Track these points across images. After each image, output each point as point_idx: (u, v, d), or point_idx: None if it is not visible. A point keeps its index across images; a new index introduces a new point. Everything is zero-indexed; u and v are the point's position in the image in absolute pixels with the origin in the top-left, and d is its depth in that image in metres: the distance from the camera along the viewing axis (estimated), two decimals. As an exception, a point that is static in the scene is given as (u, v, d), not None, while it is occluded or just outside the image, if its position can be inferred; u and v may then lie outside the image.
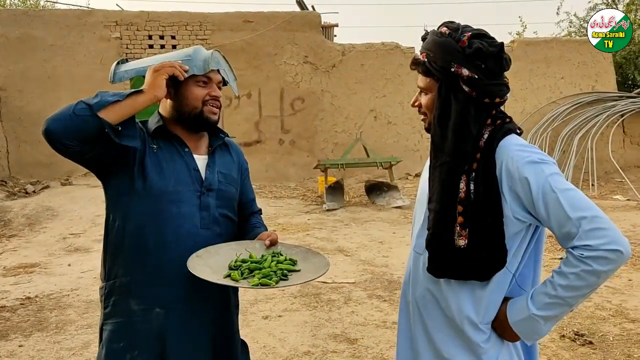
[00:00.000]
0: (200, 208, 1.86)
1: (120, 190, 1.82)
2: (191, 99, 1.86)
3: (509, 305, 1.54)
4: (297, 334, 4.12)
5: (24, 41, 11.53)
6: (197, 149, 1.95)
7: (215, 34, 11.89)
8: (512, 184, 1.47)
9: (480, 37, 1.53)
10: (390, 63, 12.28)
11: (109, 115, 1.65)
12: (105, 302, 1.85)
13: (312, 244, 7.02)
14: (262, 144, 12.14)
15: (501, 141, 1.52)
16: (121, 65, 1.93)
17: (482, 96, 1.52)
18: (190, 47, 1.91)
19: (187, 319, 1.84)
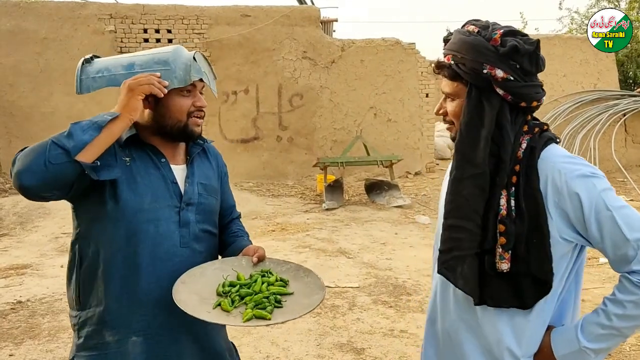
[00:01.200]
0: (179, 225, 1.68)
1: (92, 214, 1.63)
2: (175, 112, 1.66)
3: (554, 336, 1.38)
4: (302, 343, 3.95)
5: (16, 34, 11.25)
6: (174, 158, 1.75)
7: (213, 28, 11.65)
8: (560, 200, 1.31)
9: (514, 34, 1.37)
10: (390, 59, 12.08)
11: (87, 156, 1.47)
12: (79, 333, 1.67)
13: (313, 244, 6.84)
14: (260, 140, 11.92)
15: (543, 151, 1.36)
16: (87, 67, 1.69)
17: (518, 100, 1.36)
18: (168, 50, 1.67)
19: (167, 345, 1.66)
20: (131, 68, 1.64)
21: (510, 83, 1.34)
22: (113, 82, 1.63)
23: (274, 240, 7.15)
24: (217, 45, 11.55)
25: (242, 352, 3.79)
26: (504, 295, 1.34)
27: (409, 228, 7.86)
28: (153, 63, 1.64)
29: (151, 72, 1.60)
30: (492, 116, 1.35)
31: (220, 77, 11.62)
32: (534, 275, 1.32)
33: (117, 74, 1.63)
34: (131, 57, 1.69)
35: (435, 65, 1.48)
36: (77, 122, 1.50)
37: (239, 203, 8.60)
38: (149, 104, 1.64)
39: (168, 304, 1.60)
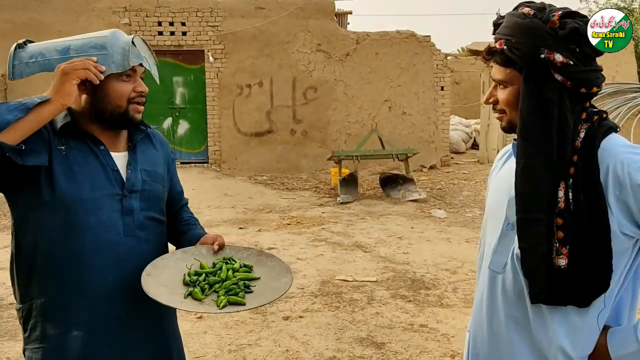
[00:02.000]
0: (122, 213, 1.62)
1: (28, 205, 1.57)
2: (114, 97, 1.59)
3: (611, 336, 1.31)
4: (321, 337, 3.91)
5: (31, 27, 11.28)
6: (115, 145, 1.68)
7: (227, 21, 11.61)
8: (622, 192, 1.24)
9: (572, 15, 1.29)
10: (405, 52, 11.97)
11: (10, 137, 1.39)
12: (24, 326, 1.63)
13: (329, 238, 6.80)
14: (274, 134, 11.89)
15: (603, 141, 1.28)
16: (20, 52, 1.61)
17: (578, 86, 1.28)
18: (105, 34, 1.61)
19: (111, 340, 1.61)
20: (66, 53, 1.57)
21: (570, 68, 1.27)
22: (47, 67, 1.56)
23: (289, 233, 7.11)
24: (231, 37, 11.51)
25: (261, 345, 3.77)
26: (560, 293, 1.28)
27: (425, 222, 7.79)
28: (89, 47, 1.57)
29: (87, 57, 1.53)
30: (553, 102, 1.28)
31: (234, 70, 11.61)
32: (592, 272, 1.25)
33: (52, 59, 1.56)
34: (66, 41, 1.62)
35: (485, 52, 1.40)
36: (5, 102, 1.45)
37: (253, 196, 8.61)
38: (86, 89, 1.56)
39: (111, 296, 1.58)
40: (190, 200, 2.14)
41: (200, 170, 11.50)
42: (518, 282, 1.36)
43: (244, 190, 10.10)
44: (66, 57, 1.54)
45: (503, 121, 1.42)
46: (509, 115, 1.39)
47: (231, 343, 3.81)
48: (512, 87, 1.35)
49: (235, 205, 8.97)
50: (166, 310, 1.72)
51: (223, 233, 7.55)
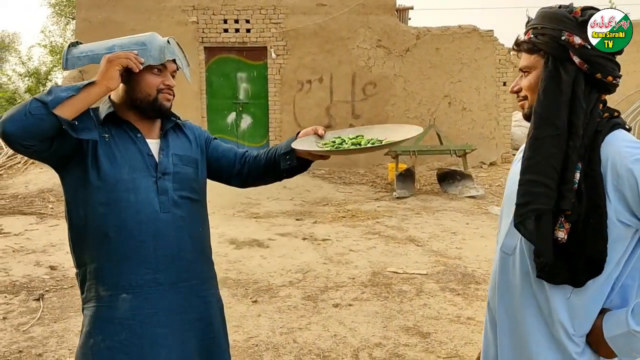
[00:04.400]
0: (158, 193, 1.83)
1: (77, 182, 1.81)
2: (145, 87, 1.82)
3: (606, 318, 1.41)
4: (368, 325, 4.06)
5: (106, 25, 11.96)
6: (150, 133, 1.91)
7: (289, 18, 11.88)
8: (619, 182, 1.34)
9: (594, 9, 1.45)
10: (467, 47, 11.85)
11: (65, 111, 1.63)
12: (81, 288, 1.86)
13: (382, 232, 6.93)
14: (333, 129, 12.05)
15: (608, 135, 1.39)
16: (73, 49, 1.88)
17: (594, 70, 1.39)
18: (145, 34, 1.86)
19: (154, 303, 1.81)
20: (112, 49, 1.81)
21: (587, 51, 1.38)
22: (95, 60, 1.81)
23: (344, 226, 7.29)
24: (292, 34, 11.77)
25: (311, 329, 3.96)
26: (558, 272, 1.38)
27: (481, 218, 7.76)
28: (131, 44, 1.82)
29: (129, 51, 1.78)
30: (568, 83, 1.39)
31: (295, 66, 11.87)
32: (588, 254, 1.35)
33: (99, 54, 1.81)
34: (112, 41, 1.87)
35: (515, 43, 1.54)
36: (59, 85, 1.70)
37: (311, 190, 8.83)
38: (123, 79, 1.78)
39: (153, 265, 1.78)
40: (250, 192, 2.35)
41: (261, 163, 11.84)
42: (525, 263, 1.48)
43: (302, 184, 10.36)
44: (111, 52, 1.81)
45: (525, 107, 1.54)
46: (530, 100, 1.51)
47: (283, 326, 4.03)
48: (535, 72, 1.48)
49: (293, 198, 9.24)
50: (207, 279, 1.96)
51: (280, 224, 7.81)
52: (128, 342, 1.79)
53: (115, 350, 1.78)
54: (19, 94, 19.79)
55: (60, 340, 3.80)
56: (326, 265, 5.50)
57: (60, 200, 8.97)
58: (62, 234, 6.93)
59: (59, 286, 4.94)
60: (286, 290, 4.80)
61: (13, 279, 5.11)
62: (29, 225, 7.40)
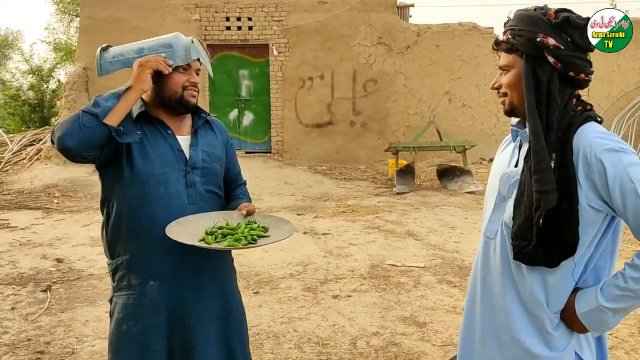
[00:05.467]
0: (186, 186, 1.98)
1: (114, 178, 1.96)
2: (171, 85, 1.95)
3: (578, 295, 1.52)
4: (366, 315, 4.18)
5: (110, 23, 12.08)
6: (180, 130, 2.05)
7: (291, 15, 11.98)
8: (589, 171, 1.44)
9: (568, 11, 1.52)
10: (467, 44, 11.95)
11: (112, 120, 1.79)
12: (113, 278, 2.02)
13: (382, 226, 7.04)
14: (334, 125, 12.19)
15: (580, 128, 1.49)
16: (104, 53, 2.01)
17: (567, 69, 1.50)
18: (170, 35, 1.98)
19: (180, 292, 1.96)
20: (141, 52, 1.96)
21: (561, 51, 1.48)
22: (127, 64, 1.96)
23: (344, 221, 7.40)
24: (294, 32, 11.87)
25: (310, 319, 4.08)
26: (535, 254, 1.50)
27: (480, 213, 7.79)
28: (158, 46, 1.96)
29: (157, 54, 1.92)
30: (544, 80, 1.50)
31: (297, 63, 11.98)
32: (561, 237, 1.45)
33: (130, 58, 1.96)
34: (140, 43, 2.01)
35: (494, 43, 1.65)
36: (100, 95, 1.84)
37: (312, 185, 8.96)
38: (153, 81, 1.91)
39: (179, 254, 1.92)
40: (253, 187, 2.47)
41: (263, 159, 11.98)
42: (505, 246, 1.60)
43: (303, 179, 10.47)
44: (141, 55, 1.95)
45: (505, 104, 1.64)
46: (510, 97, 1.61)
47: (283, 316, 4.16)
48: (513, 70, 1.58)
49: (294, 193, 9.36)
50: (227, 270, 2.12)
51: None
52: (157, 325, 1.94)
53: (147, 334, 1.93)
54: (23, 90, 19.92)
55: (67, 329, 3.93)
56: (326, 258, 5.62)
57: (65, 196, 9.11)
58: (67, 228, 7.06)
59: (65, 278, 5.07)
60: (287, 282, 4.92)
61: (21, 271, 5.24)
62: (35, 219, 7.53)
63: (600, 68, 11.47)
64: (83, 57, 12.21)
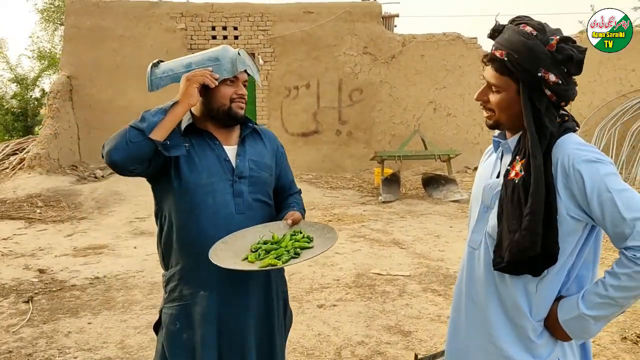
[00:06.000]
0: (234, 195, 1.98)
1: (164, 190, 1.99)
2: (219, 97, 1.97)
3: (560, 303, 1.53)
4: (351, 324, 4.18)
5: (95, 31, 12.04)
6: (227, 140, 2.06)
7: (276, 25, 12.03)
8: (567, 181, 1.46)
9: (567, 41, 1.49)
10: (451, 54, 12.07)
11: (158, 134, 1.82)
12: (165, 289, 2.05)
13: (368, 235, 7.06)
14: (320, 134, 12.22)
15: (559, 139, 1.51)
16: (155, 69, 2.04)
17: (560, 100, 1.51)
18: (217, 48, 2.01)
19: (228, 300, 1.97)
20: (189, 67, 1.99)
21: (560, 87, 1.47)
22: (176, 79, 1.99)
23: (330, 229, 7.41)
24: (280, 41, 11.92)
25: (296, 329, 4.07)
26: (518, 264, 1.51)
27: (465, 222, 7.90)
28: (206, 60, 1.98)
29: (205, 67, 1.95)
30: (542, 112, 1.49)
31: (283, 72, 12.01)
32: (542, 247, 1.46)
33: (179, 73, 1.99)
34: (189, 58, 2.04)
35: (487, 58, 1.59)
36: (147, 110, 1.87)
37: (297, 193, 8.69)
38: (201, 94, 1.94)
39: None
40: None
41: (249, 168, 11.94)
42: (488, 256, 1.61)
43: (289, 188, 10.46)
44: (189, 70, 1.98)
45: (491, 119, 1.63)
46: (497, 115, 1.60)
47: (268, 326, 4.14)
48: (505, 93, 1.55)
49: (280, 202, 9.35)
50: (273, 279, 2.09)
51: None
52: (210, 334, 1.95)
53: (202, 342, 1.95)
54: (6, 99, 19.74)
55: (49, 341, 3.88)
56: (311, 267, 5.62)
57: (48, 206, 9.03)
58: (50, 238, 6.99)
59: (47, 289, 5.02)
60: (272, 291, 4.90)
61: (2, 282, 5.18)
62: (17, 229, 7.45)
63: (582, 78, 11.55)
64: (67, 66, 12.14)
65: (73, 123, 12.05)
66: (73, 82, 12.06)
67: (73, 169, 11.37)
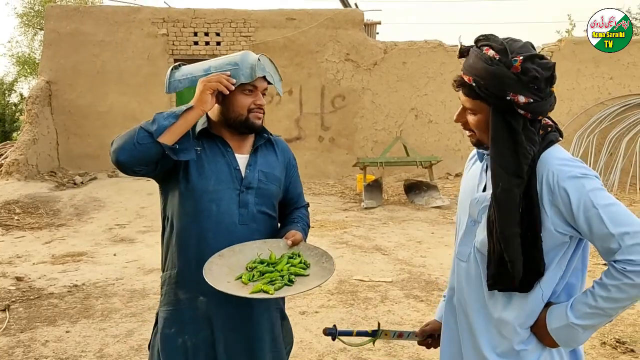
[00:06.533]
0: (239, 205, 1.95)
1: (170, 192, 1.97)
2: (237, 107, 1.94)
3: (549, 312, 1.54)
4: (334, 331, 4.17)
5: (75, 36, 11.91)
6: (240, 148, 2.03)
7: (259, 31, 12.03)
8: (553, 198, 1.47)
9: (532, 59, 1.47)
10: (432, 61, 12.17)
11: (167, 138, 1.79)
12: (161, 291, 2.02)
13: (350, 241, 7.06)
14: (302, 140, 12.23)
15: (543, 153, 1.51)
16: (175, 72, 2.02)
17: (536, 116, 1.50)
18: (239, 53, 1.96)
19: (226, 306, 1.92)
20: (208, 70, 1.96)
21: (531, 105, 1.46)
22: (193, 82, 1.96)
23: (312, 236, 7.39)
24: (262, 47, 11.91)
25: (278, 336, 4.05)
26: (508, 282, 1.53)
27: (446, 228, 7.97)
28: (225, 64, 1.94)
29: (222, 71, 1.90)
30: (518, 131, 1.48)
31: (265, 79, 11.99)
32: (528, 263, 1.49)
33: (197, 76, 1.95)
34: (210, 62, 2.01)
35: (456, 82, 1.59)
36: (160, 112, 1.85)
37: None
38: (218, 101, 1.92)
39: None
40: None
41: (231, 174, 11.90)
42: (477, 269, 1.62)
43: (272, 195, 10.43)
44: (207, 74, 1.93)
45: (473, 139, 1.63)
46: (478, 135, 1.60)
47: (250, 333, 4.11)
48: (480, 115, 1.55)
49: (262, 209, 9.32)
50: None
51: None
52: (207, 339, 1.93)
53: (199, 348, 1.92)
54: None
55: (26, 350, 3.81)
56: (294, 274, 5.60)
57: (27, 212, 8.89)
58: (28, 246, 6.88)
59: (25, 297, 4.93)
60: (254, 298, 4.87)
61: (-22, 290, 5.07)
62: (-6, 237, 7.32)
63: (561, 86, 11.82)
64: (47, 71, 12.00)
65: (52, 129, 11.89)
66: (52, 88, 11.91)
67: (52, 175, 11.21)
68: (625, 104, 11.76)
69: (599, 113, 11.86)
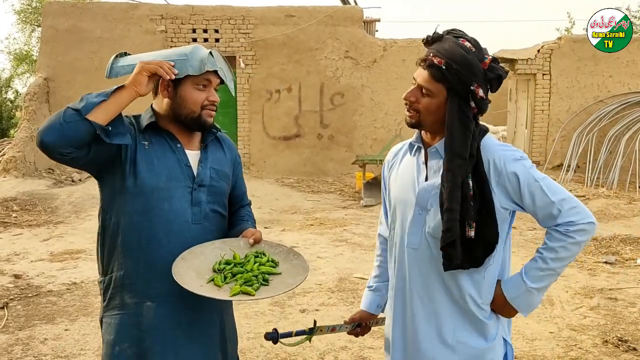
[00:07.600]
0: (191, 204, 1.87)
1: (114, 188, 1.84)
2: (190, 103, 1.85)
3: (504, 285, 1.72)
4: (333, 329, 4.15)
5: (73, 33, 11.86)
6: (189, 144, 1.94)
7: (258, 28, 11.98)
8: (500, 179, 1.66)
9: (497, 62, 1.67)
10: (432, 59, 12.14)
11: (98, 117, 1.68)
12: (104, 296, 1.88)
13: (350, 239, 7.05)
14: (301, 138, 12.19)
15: (481, 141, 1.69)
16: (119, 59, 1.92)
17: (479, 113, 1.68)
18: (189, 46, 1.90)
19: (177, 313, 1.84)
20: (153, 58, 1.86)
21: (483, 101, 1.66)
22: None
23: (312, 234, 7.38)
24: (261, 44, 11.88)
25: (262, 333, 4.03)
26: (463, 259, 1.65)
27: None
28: (173, 55, 1.86)
29: (169, 61, 1.81)
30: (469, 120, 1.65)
31: (264, 76, 11.97)
32: (484, 238, 1.64)
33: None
34: (159, 52, 1.92)
35: (424, 60, 1.68)
36: (90, 93, 1.74)
37: (280, 198, 8.93)
38: (168, 94, 1.84)
39: None
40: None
41: (229, 172, 11.87)
42: (432, 254, 1.72)
43: (271, 192, 10.42)
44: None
45: (413, 119, 1.73)
46: (422, 117, 1.70)
47: (250, 331, 4.09)
48: (436, 99, 1.66)
49: (261, 206, 9.30)
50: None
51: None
52: (153, 350, 1.81)
53: (142, 357, 1.81)
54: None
55: (25, 348, 3.79)
56: (294, 272, 5.58)
57: (24, 209, 8.84)
58: (26, 243, 6.85)
59: (23, 295, 4.90)
60: (254, 296, 4.85)
61: (-25, 288, 5.04)
62: (-8, 234, 7.28)
63: (561, 83, 11.83)
64: (44, 68, 11.95)
65: (50, 125, 11.80)
66: (50, 84, 11.86)
67: (49, 172, 11.17)
68: (624, 102, 11.75)
69: (598, 111, 11.84)
